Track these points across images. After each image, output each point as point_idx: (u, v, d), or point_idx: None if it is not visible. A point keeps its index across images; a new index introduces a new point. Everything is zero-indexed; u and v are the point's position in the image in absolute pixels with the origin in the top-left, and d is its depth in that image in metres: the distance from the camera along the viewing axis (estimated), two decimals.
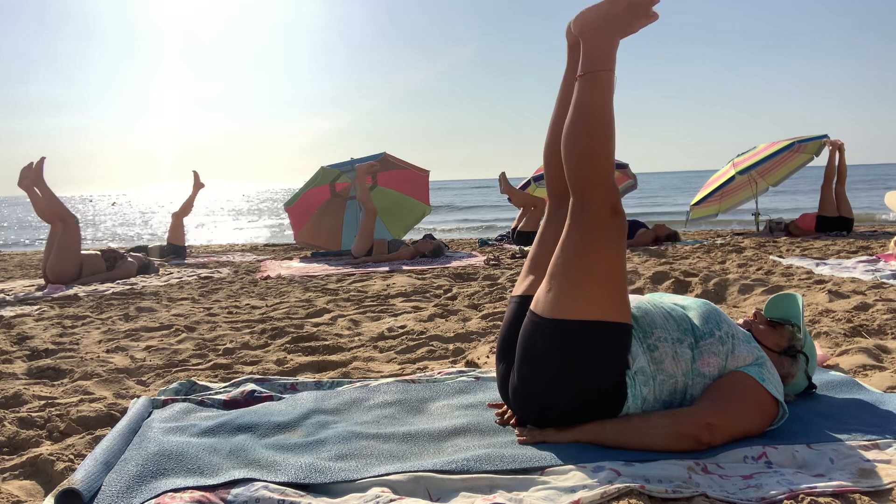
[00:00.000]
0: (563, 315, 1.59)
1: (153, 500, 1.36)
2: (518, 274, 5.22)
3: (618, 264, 1.59)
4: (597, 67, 1.65)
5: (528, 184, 9.32)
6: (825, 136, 8.40)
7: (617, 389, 1.60)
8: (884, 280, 4.12)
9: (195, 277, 5.87)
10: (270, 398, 2.10)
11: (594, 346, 1.58)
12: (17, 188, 5.93)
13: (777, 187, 9.60)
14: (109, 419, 2.02)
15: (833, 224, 7.90)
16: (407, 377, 2.29)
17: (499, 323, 3.33)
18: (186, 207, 8.01)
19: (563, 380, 1.60)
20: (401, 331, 3.22)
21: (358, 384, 2.24)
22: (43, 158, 5.93)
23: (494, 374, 2.29)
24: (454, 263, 6.23)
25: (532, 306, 1.68)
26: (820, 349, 2.45)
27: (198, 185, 8.15)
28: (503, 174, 8.53)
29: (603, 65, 1.65)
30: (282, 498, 1.36)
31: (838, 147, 7.98)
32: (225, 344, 3.07)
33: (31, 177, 5.84)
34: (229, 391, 2.15)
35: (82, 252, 5.88)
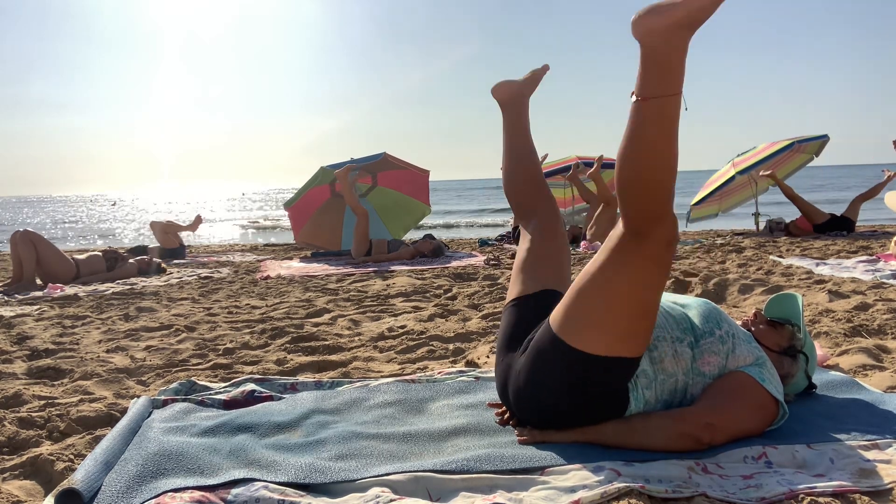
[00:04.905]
0: (585, 347, 1.54)
1: (153, 500, 1.36)
2: None
3: (655, 300, 1.52)
4: (666, 91, 1.37)
5: None
6: (825, 136, 8.39)
7: (620, 396, 1.60)
8: (884, 280, 4.12)
9: (195, 277, 5.87)
10: (270, 398, 2.10)
11: (607, 376, 1.57)
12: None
13: (777, 187, 9.60)
14: (109, 419, 2.02)
15: (833, 224, 7.90)
16: (407, 377, 2.29)
17: (499, 323, 3.33)
18: (173, 228, 8.29)
19: (568, 393, 1.59)
20: (401, 331, 3.22)
21: (358, 384, 2.24)
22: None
23: (494, 374, 2.29)
24: (454, 263, 6.23)
25: (551, 319, 1.63)
26: (820, 349, 2.45)
27: (192, 228, 8.45)
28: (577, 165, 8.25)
29: (673, 86, 1.38)
30: (282, 498, 1.36)
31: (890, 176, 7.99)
32: (225, 344, 3.07)
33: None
34: (229, 391, 2.15)
35: (82, 254, 5.88)
